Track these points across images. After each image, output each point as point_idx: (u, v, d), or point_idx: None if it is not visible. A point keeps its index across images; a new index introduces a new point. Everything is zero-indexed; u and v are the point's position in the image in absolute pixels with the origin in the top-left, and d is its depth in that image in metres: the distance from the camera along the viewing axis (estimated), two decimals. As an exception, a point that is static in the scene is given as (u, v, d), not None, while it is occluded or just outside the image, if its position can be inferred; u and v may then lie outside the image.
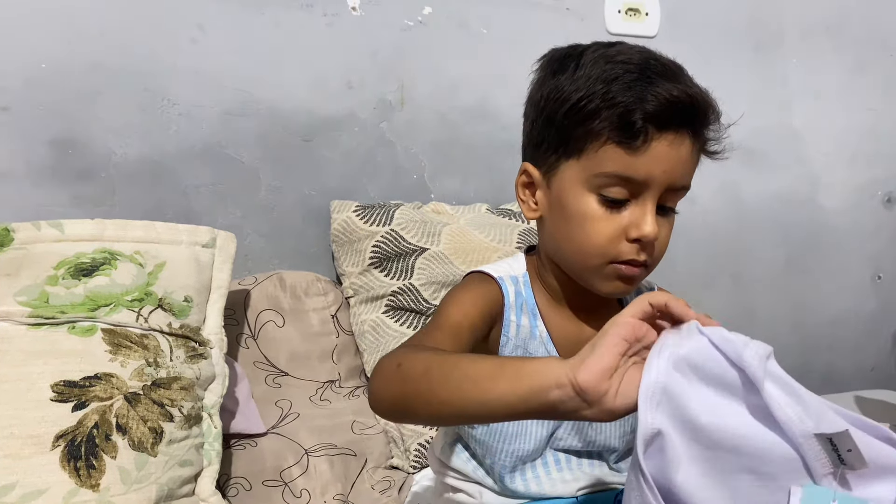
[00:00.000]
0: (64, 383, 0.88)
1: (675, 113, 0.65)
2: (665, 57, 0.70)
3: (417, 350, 0.62)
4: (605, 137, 0.66)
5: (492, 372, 0.54)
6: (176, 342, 0.99)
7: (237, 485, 1.06)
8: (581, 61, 0.69)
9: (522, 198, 0.76)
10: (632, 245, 0.68)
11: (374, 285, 1.28)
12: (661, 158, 0.66)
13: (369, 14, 1.38)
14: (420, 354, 0.60)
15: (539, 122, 0.72)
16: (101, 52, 1.22)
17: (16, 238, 0.98)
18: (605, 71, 0.67)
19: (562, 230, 0.72)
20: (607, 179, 0.67)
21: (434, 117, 1.44)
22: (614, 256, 0.69)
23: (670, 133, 0.66)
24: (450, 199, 1.45)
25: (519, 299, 0.76)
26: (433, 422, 0.61)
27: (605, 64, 0.67)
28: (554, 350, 0.76)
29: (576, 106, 0.67)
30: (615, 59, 0.68)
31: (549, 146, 0.71)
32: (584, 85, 0.67)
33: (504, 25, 1.47)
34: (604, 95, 0.66)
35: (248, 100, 1.31)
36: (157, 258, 1.04)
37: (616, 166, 0.66)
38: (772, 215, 1.78)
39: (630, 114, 0.65)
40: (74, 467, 0.84)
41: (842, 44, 1.78)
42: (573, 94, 0.67)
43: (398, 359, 0.61)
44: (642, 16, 1.58)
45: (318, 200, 1.37)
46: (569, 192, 0.70)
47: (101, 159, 1.23)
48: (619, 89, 0.65)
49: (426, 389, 0.57)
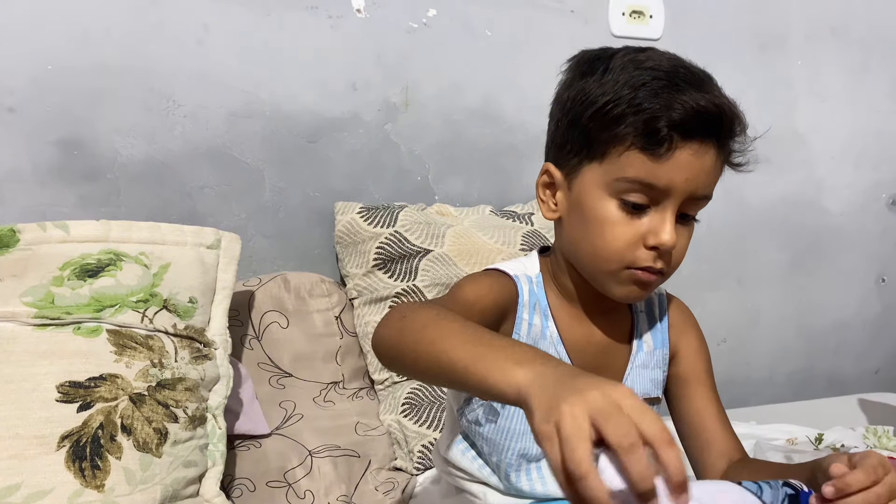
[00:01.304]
0: (69, 384, 0.88)
1: (700, 122, 0.65)
2: (695, 65, 0.70)
3: (424, 306, 0.62)
4: (629, 143, 0.66)
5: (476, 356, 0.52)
6: (181, 343, 1.00)
7: (241, 486, 1.06)
8: (610, 65, 0.69)
9: (542, 197, 0.76)
10: (649, 252, 0.69)
11: (378, 287, 1.28)
12: (684, 167, 0.66)
13: (374, 16, 1.38)
14: (424, 311, 0.60)
15: (564, 123, 0.72)
16: (107, 53, 1.22)
17: (21, 239, 0.99)
18: (634, 76, 0.67)
19: (580, 232, 0.72)
20: (629, 185, 0.67)
21: (438, 119, 1.45)
22: (631, 262, 0.69)
23: (695, 142, 0.66)
24: (454, 201, 1.45)
25: (532, 298, 0.77)
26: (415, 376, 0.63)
27: (634, 69, 0.67)
28: (563, 351, 0.76)
29: (602, 109, 0.67)
30: (644, 64, 0.68)
31: (572, 148, 0.71)
32: (611, 89, 0.67)
33: (508, 28, 1.47)
34: (630, 101, 0.66)
35: (252, 101, 1.32)
36: (162, 259, 1.04)
37: (638, 172, 0.66)
38: (776, 218, 1.78)
39: (656, 120, 0.65)
40: (79, 468, 0.84)
41: (847, 45, 1.78)
42: (600, 97, 0.67)
43: (405, 311, 0.61)
44: (646, 18, 1.58)
45: (323, 202, 1.37)
46: (589, 194, 0.70)
47: (107, 160, 1.24)
48: (645, 95, 0.65)
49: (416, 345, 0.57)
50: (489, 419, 0.77)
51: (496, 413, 0.77)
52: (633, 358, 0.80)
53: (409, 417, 1.19)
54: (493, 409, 0.77)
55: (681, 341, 0.84)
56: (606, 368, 0.79)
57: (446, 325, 0.57)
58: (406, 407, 1.21)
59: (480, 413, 0.78)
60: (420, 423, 1.18)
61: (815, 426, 1.28)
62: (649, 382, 0.81)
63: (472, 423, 0.79)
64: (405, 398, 1.22)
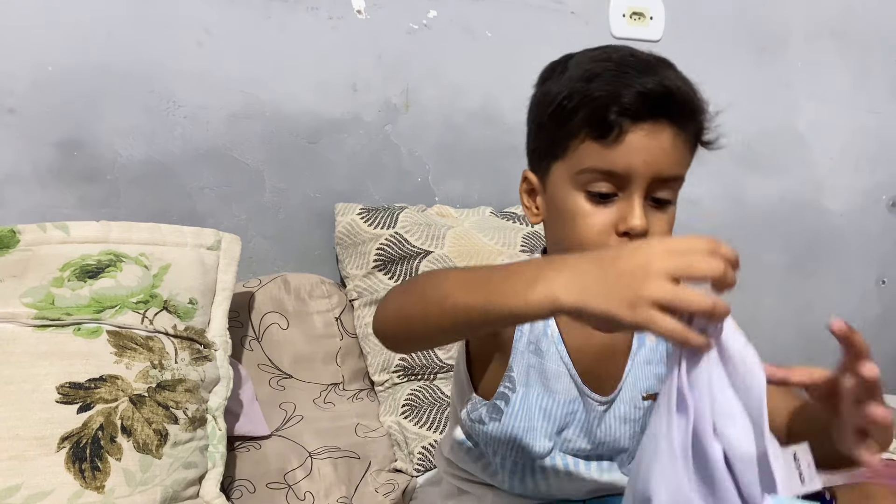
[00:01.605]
0: (69, 385, 0.88)
1: (648, 104, 0.66)
2: (650, 53, 0.71)
3: (416, 279, 0.64)
4: (582, 134, 0.68)
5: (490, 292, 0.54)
6: (181, 344, 1.00)
7: (241, 487, 1.06)
8: (567, 65, 0.72)
9: (526, 204, 0.78)
10: (622, 239, 0.69)
11: (379, 288, 1.28)
12: (639, 149, 0.67)
13: (374, 17, 1.38)
14: (418, 282, 0.63)
15: (532, 128, 0.75)
16: (108, 54, 1.22)
17: (22, 240, 0.99)
18: (586, 70, 0.69)
19: (558, 231, 0.73)
20: (590, 175, 0.69)
21: (438, 120, 1.45)
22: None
23: (646, 124, 0.67)
24: (454, 203, 1.45)
25: None
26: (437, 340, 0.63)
27: (588, 64, 0.70)
28: (564, 350, 0.77)
29: (558, 107, 0.69)
30: (595, 58, 0.70)
31: (541, 151, 0.74)
32: (566, 86, 0.69)
33: (509, 29, 1.47)
34: (583, 93, 0.68)
35: (253, 102, 1.32)
36: (162, 260, 1.04)
37: (595, 161, 0.68)
38: (776, 219, 1.78)
39: (604, 108, 0.66)
40: (79, 469, 0.84)
41: (847, 47, 1.78)
42: (557, 96, 0.70)
43: (399, 291, 0.64)
44: (647, 19, 1.58)
45: (323, 203, 1.37)
46: (559, 192, 0.72)
47: (107, 161, 1.24)
48: (597, 86, 0.67)
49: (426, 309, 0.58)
50: (493, 418, 0.78)
51: (500, 412, 0.77)
52: (633, 354, 0.80)
53: (409, 419, 1.19)
54: (497, 408, 0.77)
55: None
56: (607, 366, 0.79)
57: (447, 278, 0.59)
58: (406, 408, 1.21)
59: (484, 412, 0.78)
60: (420, 425, 1.18)
61: (815, 428, 1.28)
62: (653, 378, 0.80)
63: (475, 423, 0.79)
64: (405, 400, 1.22)
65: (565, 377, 0.77)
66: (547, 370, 0.77)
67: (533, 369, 0.77)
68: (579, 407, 0.77)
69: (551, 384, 0.76)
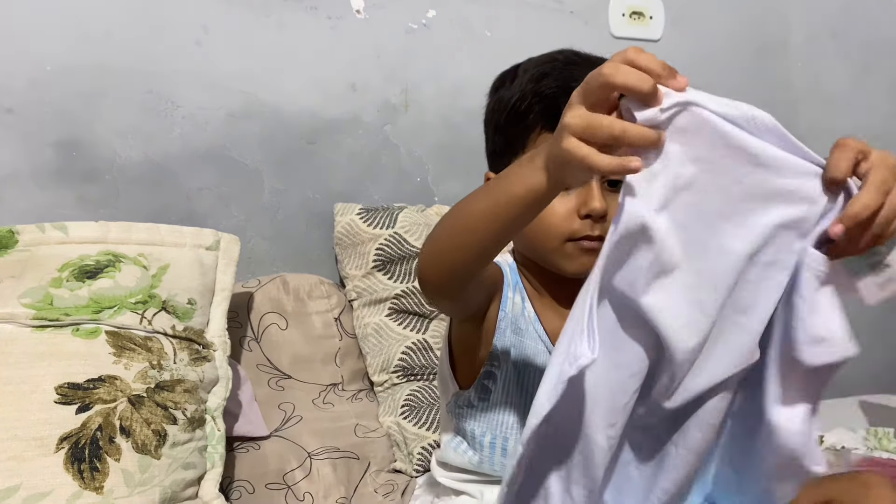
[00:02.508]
0: (68, 385, 0.88)
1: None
2: (593, 54, 0.77)
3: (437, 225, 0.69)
4: (538, 127, 0.74)
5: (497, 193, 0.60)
6: (179, 345, 0.99)
7: (240, 488, 1.06)
8: (517, 73, 0.78)
9: None
10: (584, 221, 0.74)
11: (378, 288, 1.28)
12: None
13: (373, 17, 1.38)
14: (439, 223, 0.68)
15: (490, 132, 0.82)
16: (106, 54, 1.22)
17: (20, 240, 0.98)
18: (536, 72, 0.75)
19: None
20: None
21: (438, 120, 1.44)
22: (570, 234, 0.75)
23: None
24: (453, 202, 1.43)
25: (514, 278, 0.83)
26: (473, 256, 0.66)
27: (536, 66, 0.76)
28: (541, 328, 0.80)
29: (513, 108, 0.75)
30: (543, 61, 0.76)
31: (500, 151, 0.79)
32: (518, 89, 0.76)
33: (508, 29, 1.47)
34: (534, 91, 0.73)
35: (251, 102, 1.31)
36: (161, 261, 1.04)
37: None
38: (776, 219, 1.77)
39: (555, 100, 0.71)
40: (78, 470, 0.84)
41: (847, 47, 1.78)
42: (510, 99, 0.76)
43: (427, 241, 0.69)
44: (646, 19, 1.58)
45: (322, 203, 1.37)
46: None
47: (106, 161, 1.23)
48: (547, 83, 0.73)
49: (451, 234, 0.65)
50: (482, 398, 0.80)
51: (488, 391, 0.80)
52: None
53: (408, 419, 1.19)
54: (485, 388, 0.80)
55: None
56: None
57: (460, 207, 0.65)
58: (405, 409, 1.20)
59: (472, 394, 0.81)
60: (419, 425, 1.18)
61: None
62: None
63: (464, 408, 0.82)
64: (404, 400, 1.21)
65: (543, 354, 0.79)
66: (526, 348, 0.80)
67: (514, 348, 0.80)
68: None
69: (531, 361, 0.79)
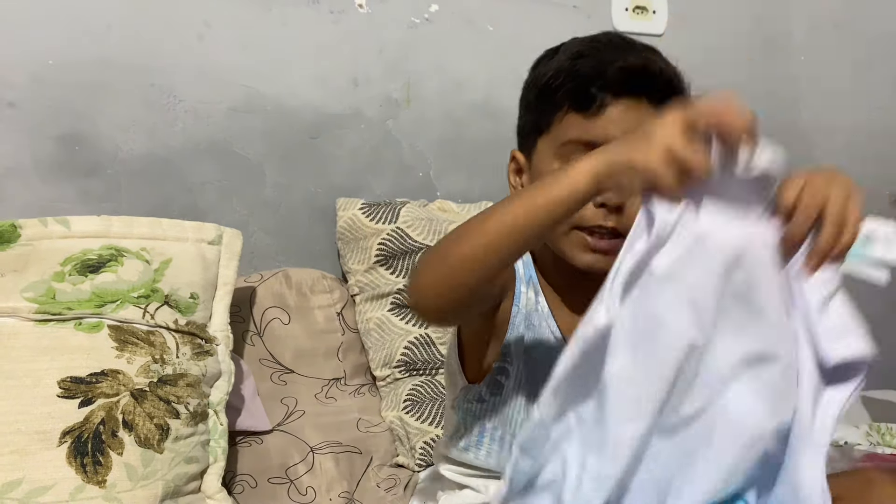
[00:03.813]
0: (70, 379, 0.88)
1: (628, 79, 0.70)
2: (637, 40, 0.76)
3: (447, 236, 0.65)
4: (566, 107, 0.72)
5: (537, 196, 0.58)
6: (182, 339, 0.99)
7: (243, 482, 1.06)
8: (558, 50, 0.77)
9: (513, 183, 0.81)
10: (597, 210, 0.71)
11: (380, 283, 1.28)
12: (617, 122, 0.70)
13: (376, 11, 1.38)
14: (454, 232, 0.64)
15: (522, 109, 0.80)
16: (108, 48, 1.22)
17: (22, 234, 0.98)
18: (575, 51, 0.74)
19: None
20: (572, 147, 0.72)
21: (440, 115, 1.44)
22: (580, 221, 0.71)
23: (626, 99, 0.71)
24: (456, 197, 1.45)
25: (526, 274, 0.81)
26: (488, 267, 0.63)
27: (577, 46, 0.75)
28: (554, 324, 0.79)
29: (545, 85, 0.74)
30: (586, 41, 0.75)
31: (528, 129, 0.78)
32: (554, 66, 0.74)
33: (511, 23, 1.47)
34: (568, 70, 0.72)
35: (254, 96, 1.31)
36: (164, 255, 1.04)
37: (577, 132, 0.71)
38: (779, 214, 1.77)
39: (587, 82, 0.70)
40: (81, 463, 0.84)
41: (851, 41, 1.77)
42: (544, 76, 0.74)
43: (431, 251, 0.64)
44: (649, 13, 1.57)
45: (324, 198, 1.37)
46: (543, 166, 0.75)
47: (108, 155, 1.23)
48: (583, 63, 0.72)
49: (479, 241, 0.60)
50: (493, 392, 0.79)
51: (500, 386, 0.79)
52: None
53: (410, 414, 1.19)
54: (497, 383, 0.79)
55: None
56: None
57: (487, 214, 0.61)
58: (408, 403, 1.20)
59: (484, 389, 0.80)
60: (422, 420, 1.18)
61: (817, 423, 1.28)
62: None
63: (473, 403, 0.80)
64: (407, 395, 1.21)
65: (557, 350, 0.77)
66: (539, 344, 0.79)
67: (527, 344, 0.79)
68: None
69: (544, 357, 0.78)
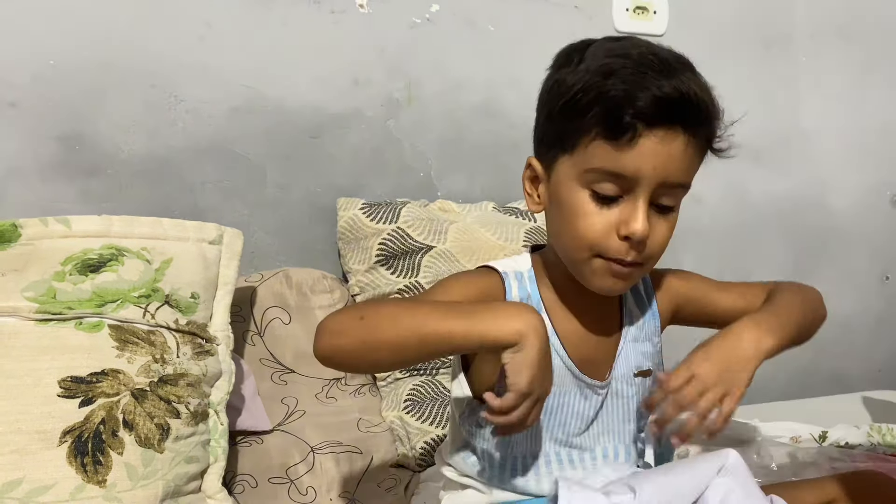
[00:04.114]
0: (71, 379, 0.88)
1: (664, 109, 0.65)
2: (669, 51, 0.69)
3: (380, 302, 0.68)
4: (594, 133, 0.67)
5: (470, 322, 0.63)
6: (183, 339, 0.99)
7: (243, 482, 1.06)
8: (584, 55, 0.70)
9: (528, 191, 0.77)
10: (622, 243, 0.68)
11: (381, 283, 1.27)
12: (650, 154, 0.66)
13: (377, 11, 1.38)
14: (387, 306, 0.66)
15: (542, 116, 0.74)
16: (109, 48, 1.22)
17: (23, 234, 0.98)
18: (603, 65, 0.67)
19: (558, 224, 0.73)
20: (597, 175, 0.68)
21: (441, 115, 1.44)
22: (602, 251, 0.70)
23: (660, 130, 0.66)
24: (456, 197, 1.45)
25: (522, 293, 0.76)
26: (395, 364, 0.71)
27: (605, 58, 0.68)
28: (557, 342, 0.76)
29: (571, 100, 0.68)
30: (614, 52, 0.68)
31: (549, 141, 0.72)
32: (581, 78, 0.67)
33: (512, 23, 1.47)
34: (598, 89, 0.66)
35: (255, 97, 1.31)
36: (164, 254, 1.04)
37: (604, 162, 0.67)
38: (780, 216, 1.77)
39: (619, 109, 0.65)
40: (81, 463, 0.84)
41: (852, 42, 1.77)
42: (571, 87, 0.68)
43: (359, 312, 0.67)
44: (650, 14, 1.57)
45: (325, 198, 1.37)
46: (564, 186, 0.71)
47: (109, 156, 1.23)
48: (613, 83, 0.65)
49: (396, 332, 0.64)
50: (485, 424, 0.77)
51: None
52: (624, 335, 0.80)
53: (411, 414, 1.19)
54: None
55: (668, 293, 0.84)
56: (600, 349, 0.79)
57: (422, 307, 0.65)
58: (408, 403, 1.20)
59: (481, 415, 0.76)
60: (422, 420, 1.18)
61: (818, 424, 1.28)
62: (640, 355, 0.81)
63: (473, 427, 0.79)
64: (407, 395, 1.21)
65: (561, 369, 0.76)
66: None
67: None
68: (576, 396, 0.77)
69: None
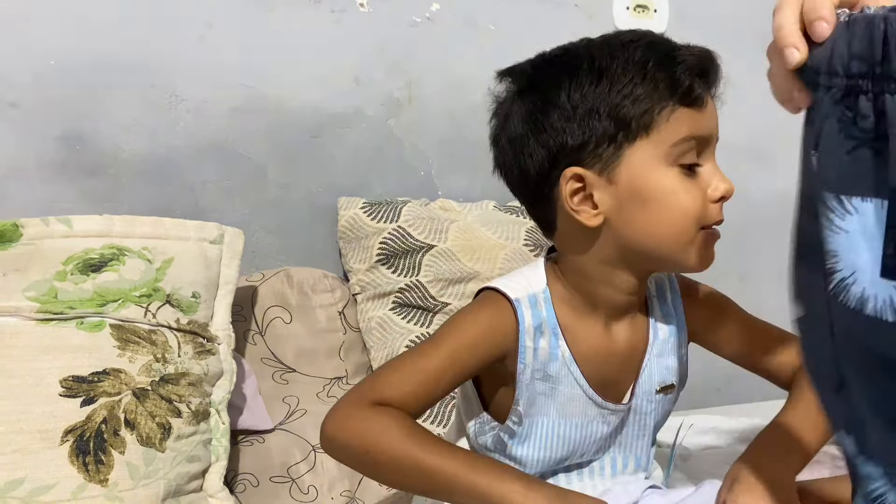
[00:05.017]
0: (72, 378, 0.88)
1: (710, 71, 0.70)
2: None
3: (396, 432, 0.66)
4: (672, 103, 0.66)
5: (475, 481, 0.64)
6: (184, 338, 0.99)
7: (244, 481, 1.06)
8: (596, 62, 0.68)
9: (575, 208, 0.69)
10: (717, 205, 0.70)
11: (382, 282, 1.28)
12: (713, 113, 0.70)
13: (377, 10, 1.38)
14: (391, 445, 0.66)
15: (574, 123, 0.68)
16: (110, 48, 1.22)
17: (24, 234, 0.99)
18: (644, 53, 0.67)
19: (644, 218, 0.68)
20: (685, 145, 0.67)
21: (441, 114, 1.44)
22: (706, 221, 0.69)
23: (711, 89, 0.71)
24: (457, 197, 1.45)
25: (537, 320, 0.72)
26: (393, 484, 0.77)
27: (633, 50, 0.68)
28: (577, 370, 0.73)
29: (628, 86, 0.66)
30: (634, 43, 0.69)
31: (598, 141, 0.67)
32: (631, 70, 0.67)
33: (512, 22, 1.47)
34: (666, 63, 0.67)
35: (255, 96, 1.31)
36: (165, 254, 1.04)
37: (690, 129, 0.67)
38: (779, 214, 1.75)
39: (686, 75, 0.67)
40: (83, 462, 0.84)
41: (852, 41, 1.77)
42: (625, 75, 0.67)
43: (363, 443, 0.66)
44: (651, 12, 1.57)
45: (326, 197, 1.37)
46: (645, 173, 0.67)
47: (110, 155, 1.23)
48: (682, 54, 0.68)
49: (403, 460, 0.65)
50: (497, 448, 0.77)
51: (504, 444, 0.76)
52: (649, 349, 0.78)
53: (412, 413, 1.19)
54: (502, 441, 0.76)
55: (703, 308, 0.84)
56: (623, 371, 0.77)
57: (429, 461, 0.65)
58: (409, 402, 1.20)
59: (489, 440, 0.77)
60: (423, 419, 1.18)
61: (819, 422, 1.28)
62: (664, 370, 0.79)
63: (480, 447, 0.79)
64: (408, 394, 1.21)
65: (581, 399, 0.74)
66: (559, 394, 0.74)
67: (543, 396, 0.74)
68: (598, 424, 0.76)
69: (565, 408, 0.74)
